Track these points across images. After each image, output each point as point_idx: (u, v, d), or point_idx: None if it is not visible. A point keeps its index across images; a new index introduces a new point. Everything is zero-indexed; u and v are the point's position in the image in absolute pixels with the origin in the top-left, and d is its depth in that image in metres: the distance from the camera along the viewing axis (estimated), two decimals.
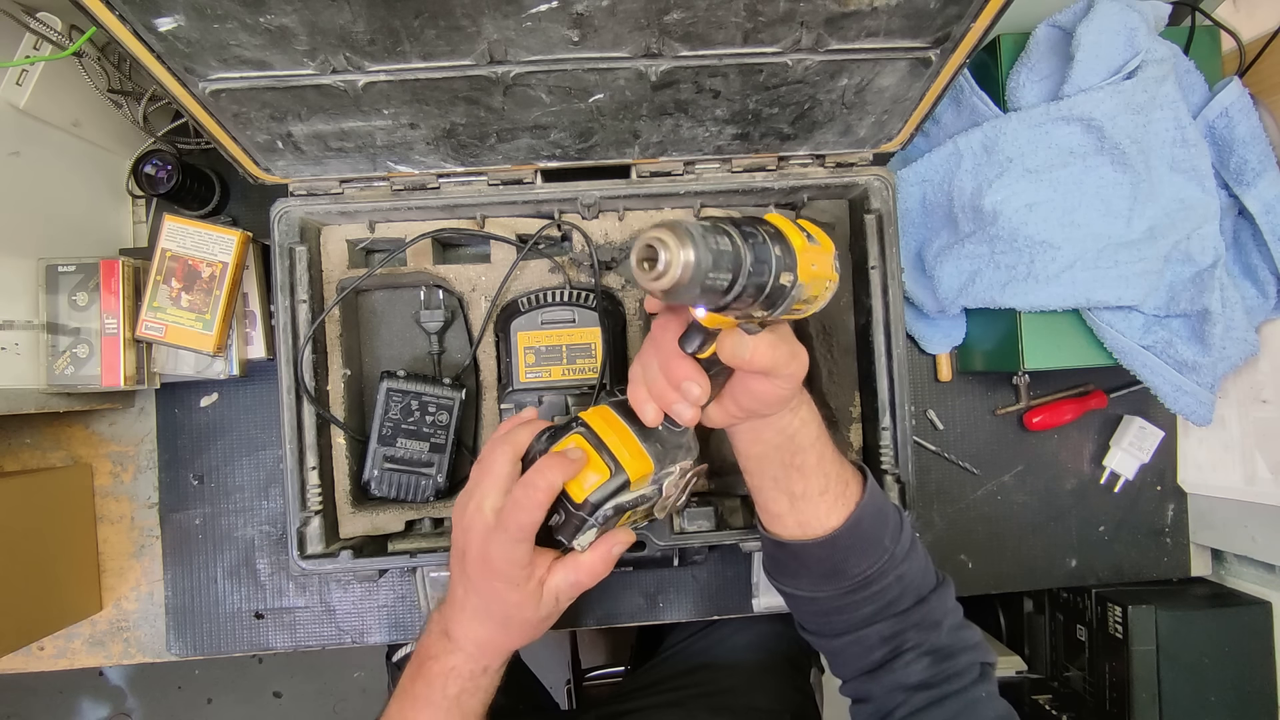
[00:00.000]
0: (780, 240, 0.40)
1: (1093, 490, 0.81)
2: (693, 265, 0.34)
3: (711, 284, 0.36)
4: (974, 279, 0.70)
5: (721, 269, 0.35)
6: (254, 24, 0.46)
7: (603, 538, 0.51)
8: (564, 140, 0.60)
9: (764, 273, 0.38)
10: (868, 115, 0.60)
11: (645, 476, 0.49)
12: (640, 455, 0.49)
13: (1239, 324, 0.68)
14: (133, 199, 0.77)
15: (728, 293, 0.37)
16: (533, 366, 0.66)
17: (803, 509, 0.51)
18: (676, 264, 0.34)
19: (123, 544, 0.77)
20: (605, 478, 0.48)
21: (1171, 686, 0.75)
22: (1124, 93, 0.64)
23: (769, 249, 0.39)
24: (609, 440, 0.49)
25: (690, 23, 0.48)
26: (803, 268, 0.40)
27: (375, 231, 0.67)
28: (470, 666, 0.52)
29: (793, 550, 0.52)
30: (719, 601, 0.79)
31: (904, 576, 0.51)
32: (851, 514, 0.50)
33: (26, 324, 0.65)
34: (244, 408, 0.77)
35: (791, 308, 0.42)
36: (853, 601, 0.51)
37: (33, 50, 0.63)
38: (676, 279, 0.34)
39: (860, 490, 0.52)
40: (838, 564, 0.51)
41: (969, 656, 0.50)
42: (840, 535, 0.50)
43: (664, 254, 0.34)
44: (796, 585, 0.54)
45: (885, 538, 0.51)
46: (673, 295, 0.35)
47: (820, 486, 0.51)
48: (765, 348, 0.44)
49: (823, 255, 0.43)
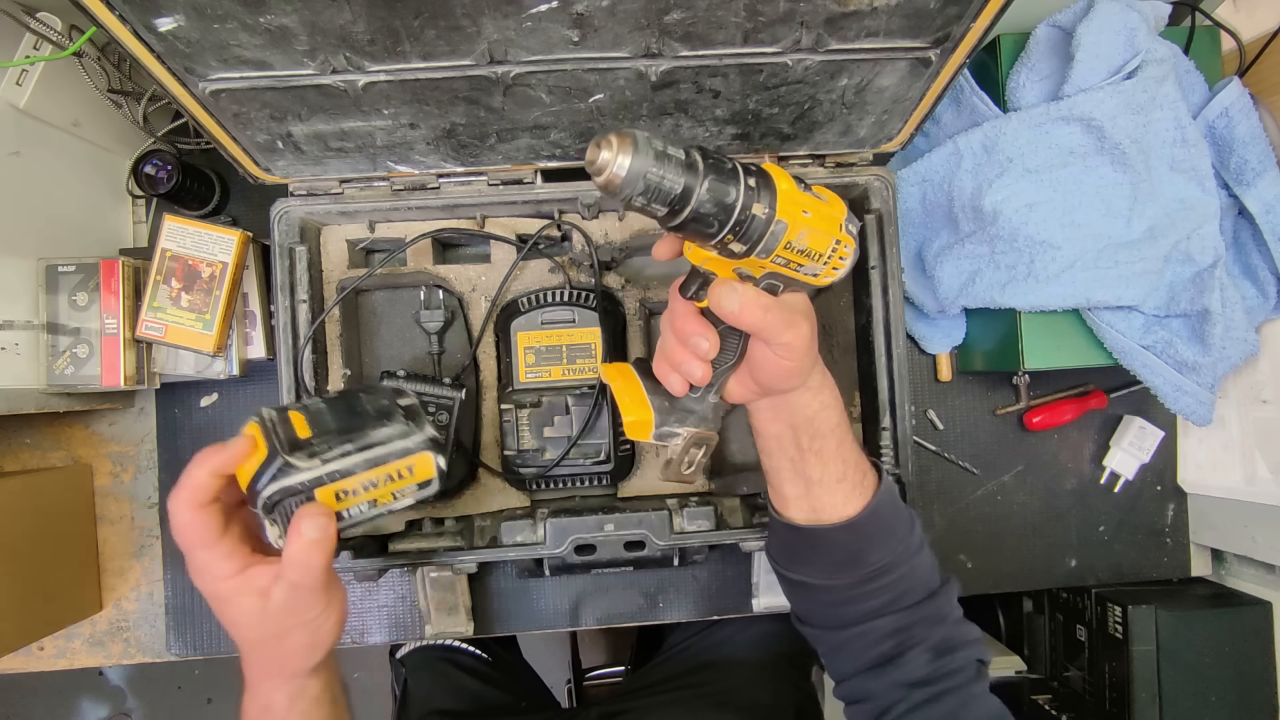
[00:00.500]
0: (760, 175, 0.41)
1: (1093, 490, 0.81)
2: (627, 168, 0.37)
3: (657, 186, 0.38)
4: (974, 279, 0.70)
5: (669, 176, 0.38)
6: (254, 24, 0.46)
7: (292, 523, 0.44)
8: (564, 140, 0.60)
9: (728, 194, 0.39)
10: (868, 115, 0.60)
11: (645, 424, 0.50)
12: (643, 405, 0.50)
13: (1239, 324, 0.68)
14: (133, 199, 0.77)
15: (682, 205, 0.39)
16: (533, 366, 0.66)
17: (818, 494, 0.51)
18: (612, 165, 0.37)
19: (123, 544, 0.77)
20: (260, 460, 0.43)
21: (1171, 686, 0.75)
22: (1124, 93, 0.64)
23: (738, 176, 0.40)
24: (616, 388, 0.51)
25: (690, 23, 0.48)
26: (785, 207, 0.41)
27: (375, 231, 0.67)
28: (253, 708, 0.49)
29: (811, 536, 0.52)
30: (719, 601, 0.79)
31: (916, 569, 0.51)
32: (871, 501, 0.51)
33: (26, 324, 0.65)
34: (244, 408, 0.77)
35: (789, 260, 0.43)
36: (866, 591, 0.51)
37: (33, 50, 0.63)
38: (610, 178, 0.37)
39: (877, 480, 0.52)
40: (856, 551, 0.51)
41: (968, 652, 0.51)
42: (861, 521, 0.50)
43: (605, 153, 0.37)
44: (809, 573, 0.54)
45: (900, 529, 0.52)
46: (615, 194, 0.38)
47: (838, 473, 0.50)
48: (754, 304, 0.43)
49: (822, 208, 0.43)
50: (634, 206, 0.39)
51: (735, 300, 0.43)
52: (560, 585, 0.78)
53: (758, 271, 0.44)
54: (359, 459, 0.46)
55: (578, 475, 0.67)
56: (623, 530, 0.63)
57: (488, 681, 0.86)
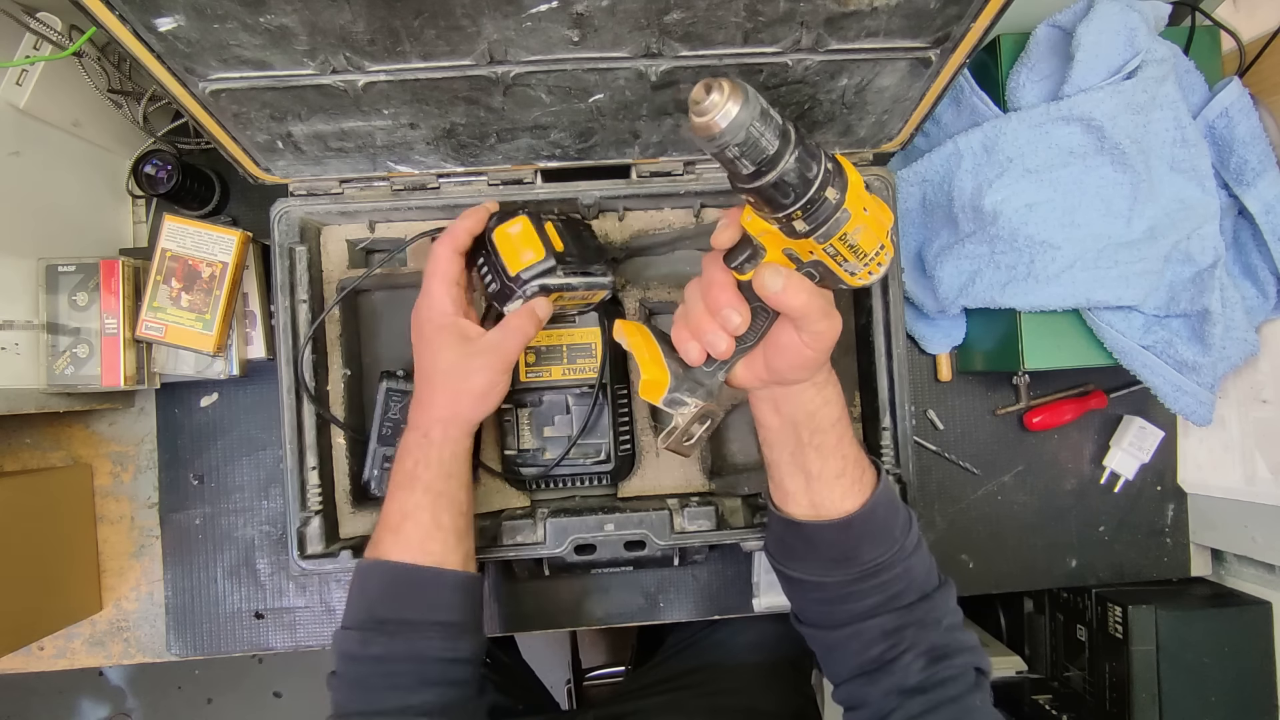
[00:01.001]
0: (836, 163, 0.41)
1: (1093, 490, 0.81)
2: (734, 116, 0.37)
3: (756, 141, 0.38)
4: (974, 279, 0.70)
5: (767, 135, 0.38)
6: (254, 24, 0.46)
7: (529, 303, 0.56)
8: (564, 140, 0.60)
9: (810, 169, 0.40)
10: (868, 115, 0.60)
11: (660, 385, 0.51)
12: (660, 365, 0.51)
13: (1239, 324, 0.68)
14: (133, 199, 0.77)
15: (769, 168, 0.39)
16: (533, 366, 0.66)
17: (817, 489, 0.51)
18: (719, 109, 0.37)
19: (123, 544, 0.77)
20: (539, 257, 0.56)
21: (1171, 686, 0.75)
22: (1124, 93, 0.64)
23: (820, 156, 0.40)
24: (634, 344, 0.52)
25: (690, 23, 0.48)
26: (853, 197, 0.41)
27: (375, 231, 0.67)
28: (416, 437, 0.55)
29: (805, 532, 0.52)
30: (719, 601, 0.78)
31: (911, 570, 0.51)
32: (868, 500, 0.51)
33: (26, 324, 0.65)
34: (244, 408, 0.77)
35: (839, 252, 0.43)
36: (859, 590, 0.51)
37: (33, 50, 0.63)
38: (713, 121, 0.37)
39: (876, 480, 0.52)
40: (850, 549, 0.51)
41: (965, 659, 0.50)
42: (856, 519, 0.50)
43: (715, 95, 0.37)
44: (804, 570, 0.54)
45: (896, 529, 0.52)
46: (713, 139, 0.38)
47: (837, 469, 0.51)
48: (800, 286, 0.44)
49: (878, 210, 0.44)
50: (725, 157, 0.39)
51: (781, 281, 0.44)
52: (560, 585, 0.78)
53: (805, 256, 0.45)
54: (581, 281, 0.59)
55: (578, 475, 0.67)
56: (623, 530, 0.63)
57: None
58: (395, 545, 0.53)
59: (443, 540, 0.53)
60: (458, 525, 0.55)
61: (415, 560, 0.53)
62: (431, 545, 0.53)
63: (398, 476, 0.55)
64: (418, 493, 0.53)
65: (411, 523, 0.53)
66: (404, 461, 0.55)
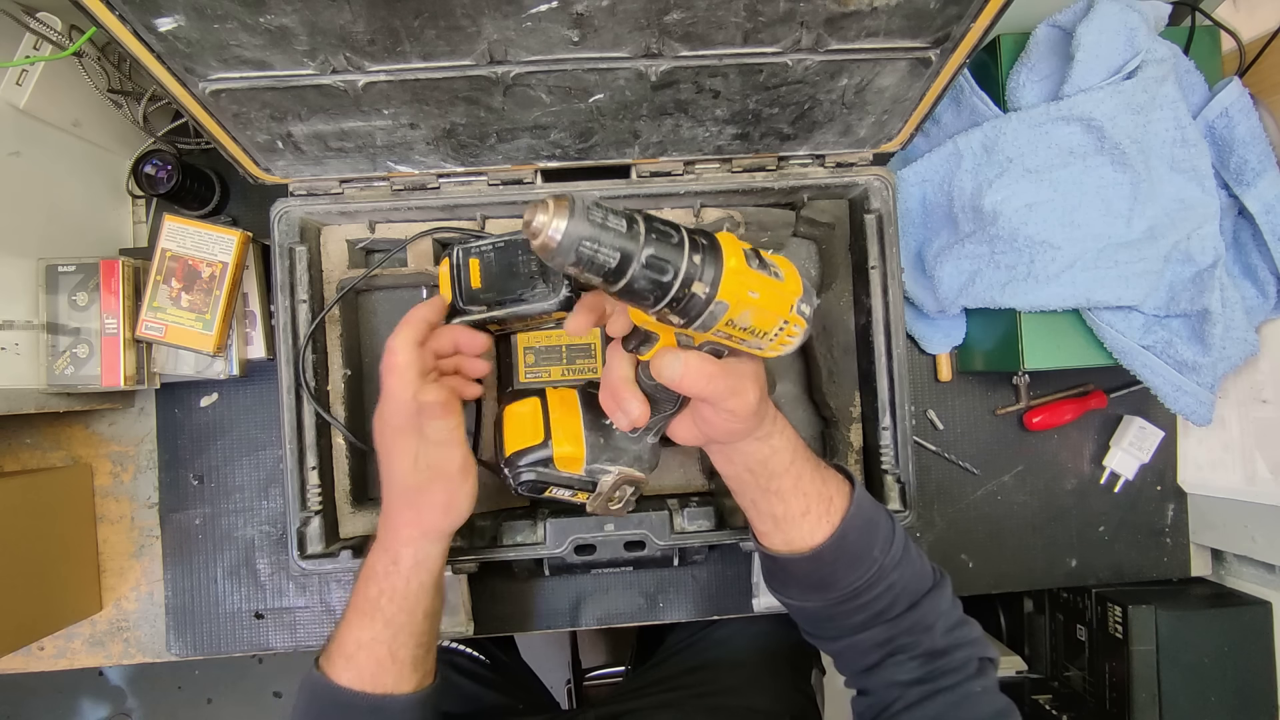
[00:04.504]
0: (709, 252, 0.39)
1: (1093, 490, 0.81)
2: (562, 234, 0.36)
3: (591, 257, 0.37)
4: (974, 279, 0.70)
5: (605, 247, 0.37)
6: (254, 24, 0.46)
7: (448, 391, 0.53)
8: (564, 140, 0.60)
9: (666, 271, 0.38)
10: (868, 115, 0.60)
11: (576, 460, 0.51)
12: (576, 440, 0.51)
13: (1239, 324, 0.68)
14: (133, 199, 0.77)
15: (618, 276, 0.38)
16: (532, 367, 0.66)
17: (786, 529, 0.51)
18: (547, 229, 0.36)
19: (123, 544, 0.77)
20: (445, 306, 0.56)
21: (1171, 686, 0.75)
22: (1124, 93, 0.64)
23: (681, 252, 0.39)
24: (554, 418, 0.52)
25: (690, 23, 0.48)
26: (729, 287, 0.39)
27: (375, 231, 0.67)
28: (385, 563, 0.52)
29: (781, 564, 0.53)
30: (719, 601, 0.79)
31: (895, 585, 0.51)
32: (835, 530, 0.50)
33: (26, 324, 0.65)
34: (244, 408, 0.77)
35: (731, 334, 0.42)
36: (843, 611, 0.52)
37: (33, 50, 0.63)
38: (545, 242, 0.36)
39: (846, 504, 0.52)
40: (825, 577, 0.51)
41: (965, 653, 0.51)
42: (824, 551, 0.50)
43: (540, 216, 0.36)
44: (789, 595, 0.55)
45: (875, 549, 0.51)
46: (550, 257, 0.37)
47: (801, 508, 0.51)
48: (697, 373, 0.43)
49: (773, 287, 0.42)
50: (568, 273, 0.38)
51: (678, 368, 0.43)
52: (560, 585, 0.78)
53: (698, 340, 0.44)
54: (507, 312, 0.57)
55: None
56: (623, 530, 0.63)
57: (485, 684, 0.86)
58: (347, 670, 0.51)
59: (396, 673, 0.52)
60: (415, 655, 0.53)
61: (365, 689, 0.51)
62: (384, 679, 0.51)
63: (358, 601, 0.52)
64: (378, 625, 0.51)
65: (366, 653, 0.51)
66: (368, 588, 0.52)
